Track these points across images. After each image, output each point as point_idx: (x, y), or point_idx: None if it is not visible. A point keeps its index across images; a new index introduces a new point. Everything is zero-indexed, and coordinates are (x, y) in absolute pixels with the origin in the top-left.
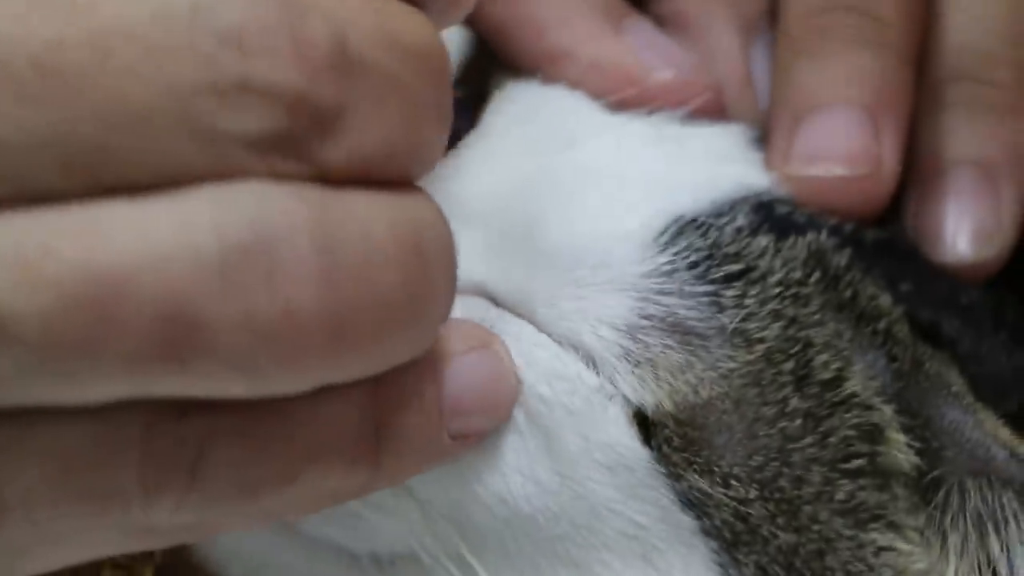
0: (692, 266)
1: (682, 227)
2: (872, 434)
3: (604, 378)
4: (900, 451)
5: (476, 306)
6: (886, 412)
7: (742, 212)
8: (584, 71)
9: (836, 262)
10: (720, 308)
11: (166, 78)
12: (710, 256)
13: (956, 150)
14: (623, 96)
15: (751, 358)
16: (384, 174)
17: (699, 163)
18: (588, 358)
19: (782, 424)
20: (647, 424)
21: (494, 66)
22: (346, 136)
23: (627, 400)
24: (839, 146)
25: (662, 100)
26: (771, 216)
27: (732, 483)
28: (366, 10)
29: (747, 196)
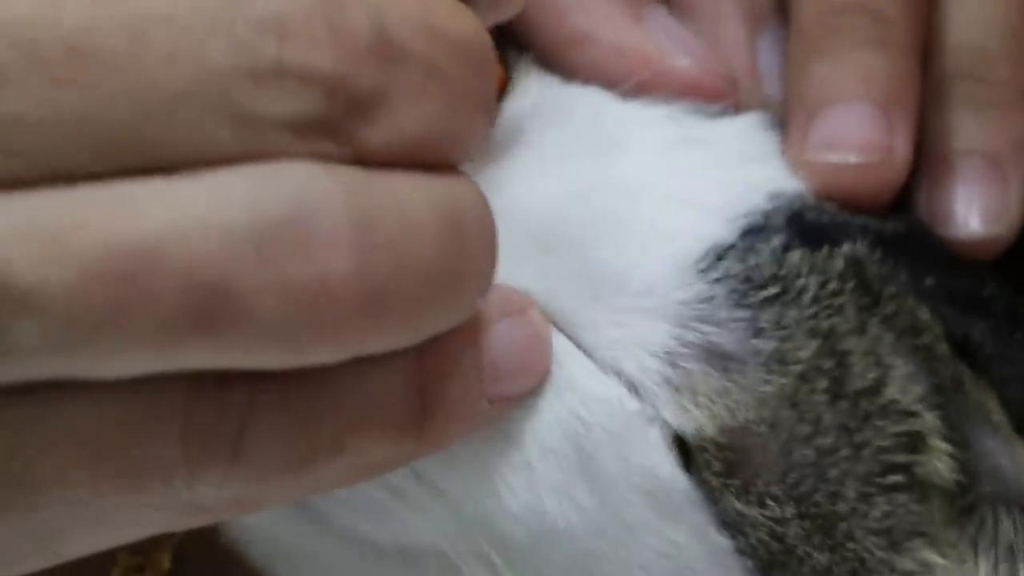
0: (730, 292)
1: (721, 252)
2: (913, 442)
3: (646, 403)
4: (941, 460)
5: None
6: (928, 419)
7: (775, 228)
8: (605, 55)
9: (873, 272)
10: (757, 333)
11: (203, 62)
12: (747, 280)
13: (963, 143)
14: (642, 81)
15: (786, 381)
16: (424, 159)
17: (732, 171)
18: (630, 384)
19: (818, 441)
20: (686, 448)
21: (510, 47)
22: (385, 121)
23: (667, 424)
24: (854, 135)
25: (680, 88)
26: (803, 227)
27: (768, 503)
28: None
29: (779, 207)
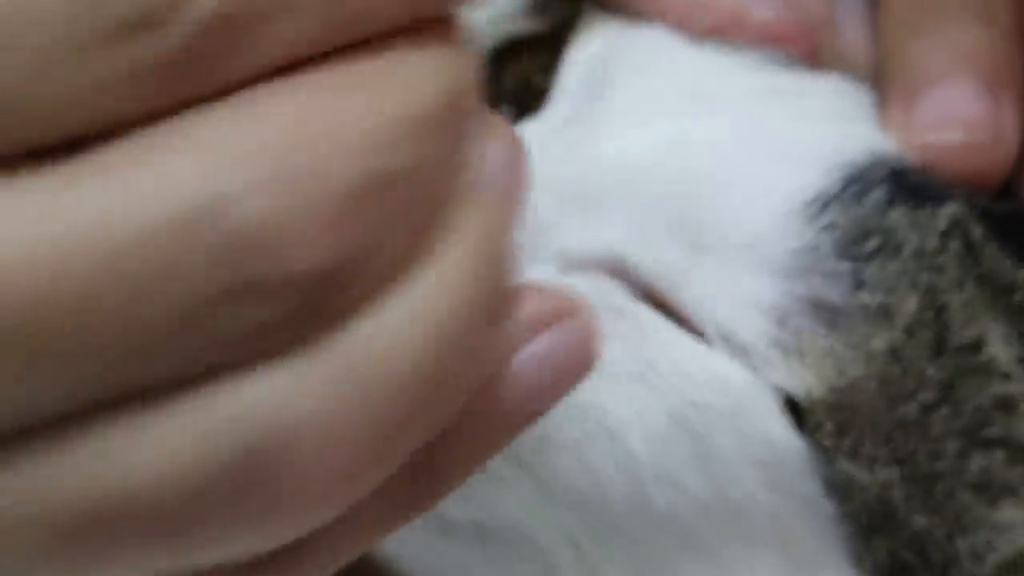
0: (834, 243)
1: (825, 202)
2: (1008, 405)
3: (754, 367)
4: None
5: (606, 293)
6: (1022, 383)
7: (877, 182)
8: (684, 5)
9: (974, 233)
10: (860, 285)
11: (179, 294)
12: (851, 231)
13: None
14: (722, 32)
15: (892, 335)
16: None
17: (826, 124)
18: (737, 346)
19: (921, 396)
20: (798, 412)
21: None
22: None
23: (778, 390)
24: (959, 113)
25: (760, 39)
26: (905, 185)
27: (875, 467)
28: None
29: (878, 162)
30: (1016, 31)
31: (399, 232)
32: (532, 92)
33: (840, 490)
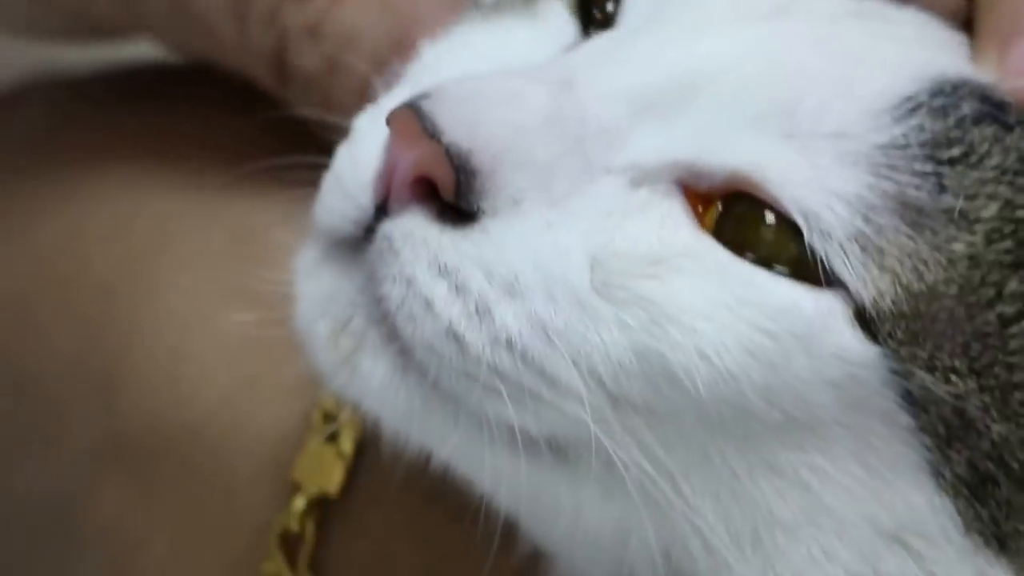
0: (923, 144)
1: (914, 107)
2: None
3: (828, 255)
4: None
5: (674, 226)
6: None
7: (967, 99)
8: None
9: None
10: (943, 189)
11: None
12: (937, 137)
13: None
14: None
15: (974, 239)
16: None
17: (914, 46)
18: (818, 228)
19: (1000, 308)
20: (868, 324)
21: None
22: None
23: (846, 303)
24: None
25: None
26: (993, 108)
27: (952, 378)
28: None
29: (968, 84)
30: None
31: None
32: (596, 4)
33: (916, 402)
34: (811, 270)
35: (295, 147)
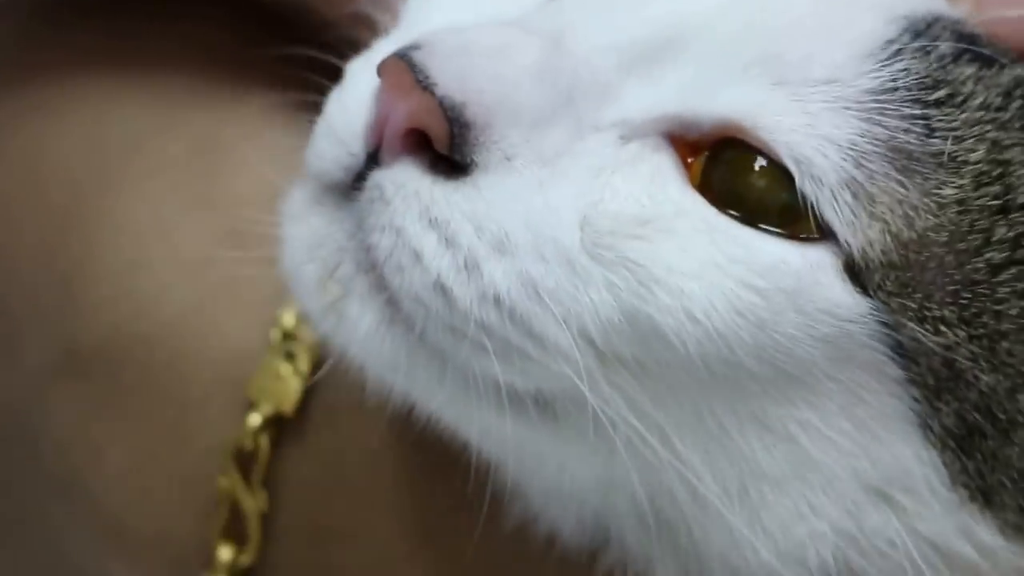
0: (909, 87)
1: (899, 48)
2: None
3: (819, 200)
4: None
5: (663, 184)
6: None
7: (943, 37)
8: None
9: None
10: (931, 132)
11: None
12: (923, 78)
13: None
14: None
15: (963, 182)
16: None
17: None
18: (810, 174)
19: (989, 254)
20: (857, 275)
21: None
22: None
23: (835, 256)
24: None
25: None
26: (975, 46)
27: (942, 328)
28: None
29: (941, 22)
30: None
31: None
32: None
33: (906, 354)
34: (801, 220)
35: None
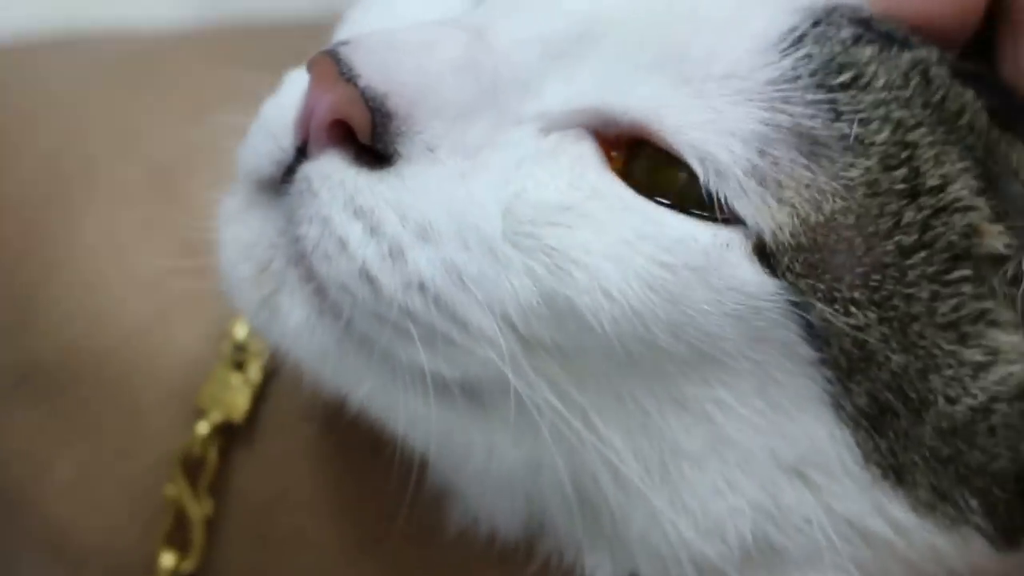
0: (812, 73)
1: (798, 37)
2: (970, 231)
3: (726, 196)
4: (994, 238)
5: (583, 168)
6: (984, 209)
7: (843, 23)
8: None
9: (934, 72)
10: (838, 116)
11: None
12: (825, 63)
13: None
14: None
15: (870, 163)
16: None
17: None
18: (715, 169)
19: (898, 237)
20: (768, 257)
21: None
22: None
23: (746, 236)
24: None
25: None
26: (871, 26)
27: (852, 310)
28: None
29: (840, 8)
30: None
31: None
32: None
33: (818, 335)
34: (718, 206)
35: None
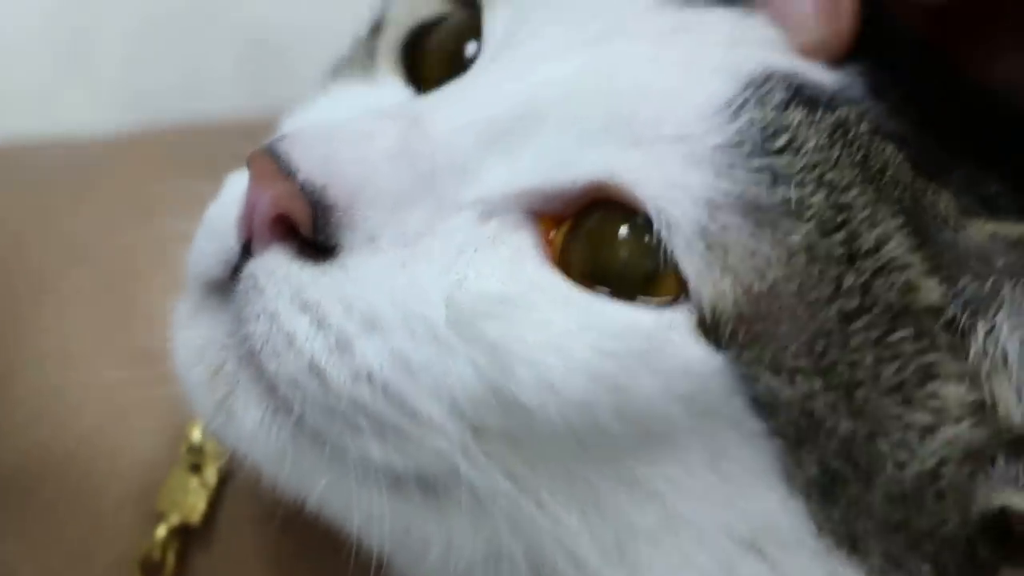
0: (754, 139)
1: (740, 104)
2: (908, 288)
3: (671, 251)
4: (932, 291)
5: (522, 261)
6: (918, 264)
7: (774, 88)
8: None
9: (854, 132)
10: (776, 180)
11: None
12: (765, 129)
13: None
14: None
15: (808, 227)
16: None
17: (724, 49)
18: (668, 222)
19: (839, 302)
20: (711, 330)
21: None
22: None
23: (689, 313)
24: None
25: None
26: (800, 92)
27: (798, 379)
28: None
29: (776, 74)
30: None
31: None
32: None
33: (765, 407)
34: (663, 283)
35: None
